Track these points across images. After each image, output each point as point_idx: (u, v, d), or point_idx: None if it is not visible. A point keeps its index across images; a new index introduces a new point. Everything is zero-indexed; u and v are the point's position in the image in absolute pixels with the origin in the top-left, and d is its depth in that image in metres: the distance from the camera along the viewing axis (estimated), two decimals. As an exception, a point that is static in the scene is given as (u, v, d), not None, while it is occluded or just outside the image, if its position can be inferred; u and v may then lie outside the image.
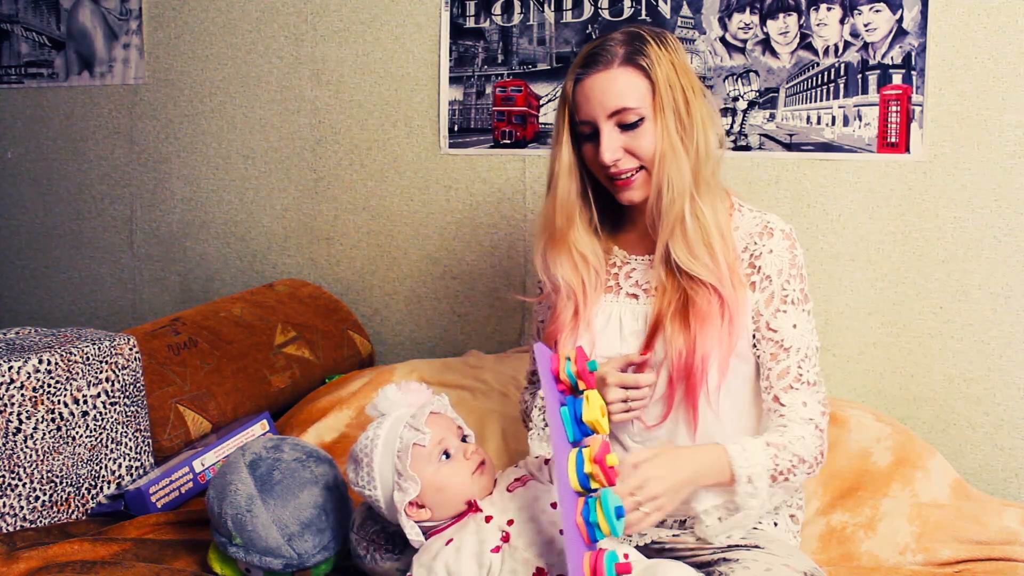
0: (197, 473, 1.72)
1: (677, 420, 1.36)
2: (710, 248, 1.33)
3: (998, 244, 1.88)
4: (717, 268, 1.33)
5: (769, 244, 1.37)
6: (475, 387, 2.00)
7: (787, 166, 2.02)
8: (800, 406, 1.33)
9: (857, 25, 1.94)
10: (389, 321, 2.44)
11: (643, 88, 1.32)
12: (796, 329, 1.35)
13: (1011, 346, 1.88)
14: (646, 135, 1.32)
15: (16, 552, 1.40)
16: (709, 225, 1.33)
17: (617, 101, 1.31)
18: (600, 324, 1.41)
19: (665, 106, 1.31)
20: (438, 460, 1.24)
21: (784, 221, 1.40)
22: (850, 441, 1.73)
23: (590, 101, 1.32)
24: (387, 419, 1.27)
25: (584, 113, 1.33)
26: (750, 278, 1.36)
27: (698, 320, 1.32)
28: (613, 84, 1.31)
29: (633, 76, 1.32)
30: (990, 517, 1.58)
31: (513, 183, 2.26)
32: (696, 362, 1.32)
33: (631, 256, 1.44)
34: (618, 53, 1.32)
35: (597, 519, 1.08)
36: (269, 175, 2.54)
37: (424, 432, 1.22)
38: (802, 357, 1.35)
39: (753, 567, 1.20)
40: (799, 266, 1.38)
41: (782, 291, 1.36)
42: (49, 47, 2.76)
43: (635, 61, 1.32)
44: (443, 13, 2.29)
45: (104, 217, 2.75)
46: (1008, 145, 1.85)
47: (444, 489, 1.23)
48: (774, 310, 1.36)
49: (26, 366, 1.57)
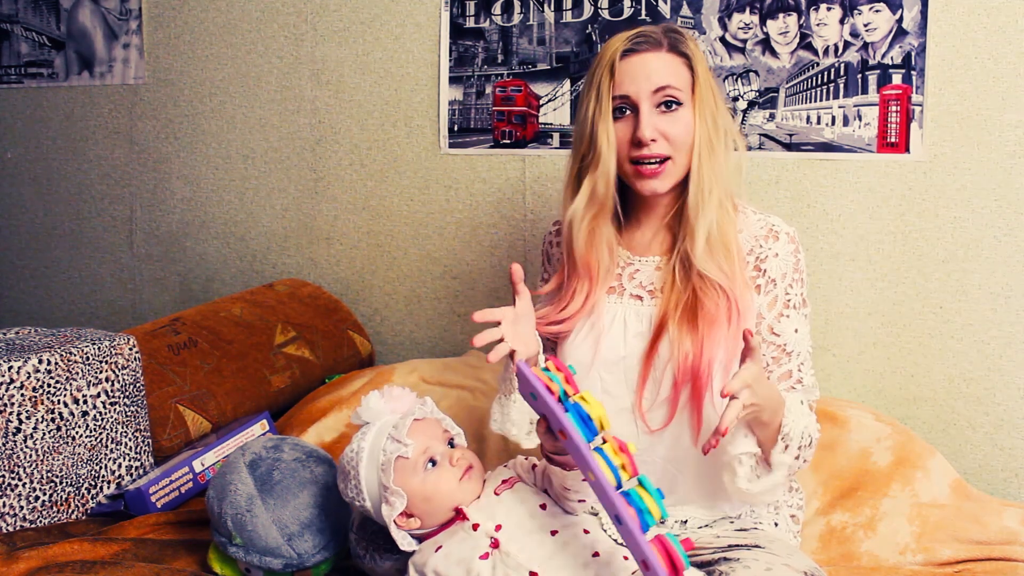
0: (197, 473, 1.72)
1: (682, 423, 1.35)
2: (727, 250, 1.34)
3: (998, 244, 1.88)
4: (732, 270, 1.33)
5: (775, 247, 1.38)
6: (475, 387, 2.00)
7: (787, 166, 2.02)
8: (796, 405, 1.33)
9: (857, 25, 1.94)
10: (389, 321, 2.44)
11: (686, 76, 1.35)
12: (797, 334, 1.37)
13: (1011, 346, 1.88)
14: (683, 121, 1.34)
15: (16, 552, 1.40)
16: (729, 227, 1.34)
17: (664, 78, 1.33)
18: (604, 325, 1.40)
19: (704, 100, 1.34)
20: (424, 469, 1.23)
21: (787, 224, 1.41)
22: (850, 441, 1.73)
23: (635, 76, 1.33)
24: (371, 429, 1.26)
25: (625, 87, 1.34)
26: (755, 281, 1.37)
27: (706, 322, 1.32)
28: (662, 63, 1.34)
29: (678, 62, 1.35)
30: (990, 517, 1.58)
31: (513, 183, 2.26)
32: (703, 365, 1.31)
33: (635, 257, 1.44)
34: (664, 41, 1.36)
35: (647, 504, 1.09)
36: (269, 175, 2.54)
37: (407, 444, 1.21)
38: (801, 361, 1.37)
39: (754, 567, 1.20)
40: (801, 270, 1.39)
41: (785, 295, 1.37)
42: (49, 47, 2.76)
43: (680, 50, 1.35)
44: (443, 13, 2.29)
45: (104, 217, 2.75)
46: (1008, 145, 1.85)
47: (431, 498, 1.22)
48: (777, 314, 1.36)
49: (26, 366, 1.57)
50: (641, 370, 1.36)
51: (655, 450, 1.38)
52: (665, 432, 1.36)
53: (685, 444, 1.36)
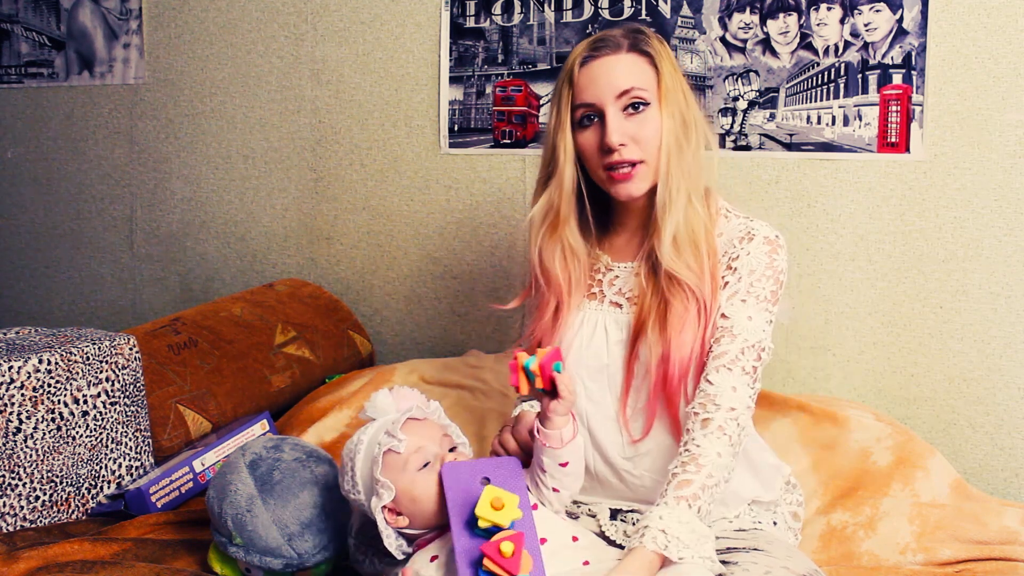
0: (197, 473, 1.71)
1: (662, 430, 1.34)
2: (696, 248, 1.31)
3: (998, 244, 1.88)
4: (700, 269, 1.31)
5: (748, 248, 1.34)
6: (475, 387, 2.00)
7: (787, 166, 2.02)
8: (729, 390, 1.26)
9: (857, 25, 1.94)
10: (389, 321, 2.44)
11: (650, 75, 1.32)
12: (750, 321, 1.30)
13: (1011, 346, 1.88)
14: (651, 122, 1.31)
15: (16, 552, 1.40)
16: (699, 226, 1.32)
17: (627, 81, 1.31)
18: (587, 333, 1.39)
19: (670, 98, 1.32)
20: (416, 469, 1.21)
21: (772, 229, 1.36)
22: (850, 441, 1.73)
23: (597, 82, 1.32)
24: (374, 424, 1.26)
25: (589, 95, 1.32)
26: (724, 279, 1.34)
27: (675, 324, 1.30)
28: (623, 65, 1.32)
29: (641, 62, 1.33)
30: (990, 517, 1.58)
31: (513, 183, 2.26)
32: (671, 370, 1.29)
33: (615, 263, 1.42)
34: (623, 43, 1.33)
35: None
36: (269, 175, 2.54)
37: (399, 439, 1.20)
38: (747, 346, 1.29)
39: (752, 570, 1.19)
40: (777, 271, 1.34)
41: (749, 286, 1.32)
42: (49, 47, 2.76)
43: (642, 49, 1.33)
44: (443, 13, 2.29)
45: (104, 217, 2.75)
46: (1008, 145, 1.85)
47: (417, 500, 1.20)
48: (734, 299, 1.32)
49: (26, 366, 1.57)
50: (623, 378, 1.35)
51: (641, 461, 1.36)
52: (649, 440, 1.34)
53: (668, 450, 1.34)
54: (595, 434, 1.38)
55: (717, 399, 1.26)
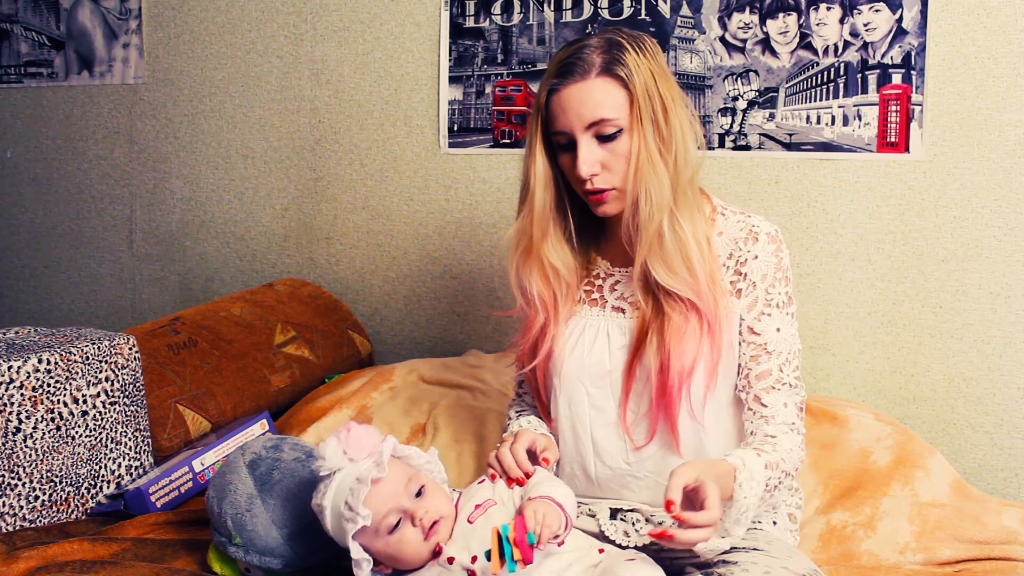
0: (197, 473, 1.71)
1: (665, 437, 1.34)
2: (688, 262, 1.30)
3: (998, 244, 1.88)
4: (696, 283, 1.30)
5: (755, 249, 1.34)
6: (475, 387, 2.00)
7: (787, 166, 2.02)
8: (781, 407, 1.31)
9: (857, 25, 1.94)
10: (389, 321, 2.44)
11: (621, 99, 1.27)
12: (779, 333, 1.33)
13: (1011, 346, 1.88)
14: (622, 148, 1.28)
15: (16, 552, 1.40)
16: (688, 239, 1.30)
17: (595, 112, 1.27)
18: (588, 340, 1.39)
19: (644, 117, 1.27)
20: (387, 533, 1.20)
21: (769, 223, 1.37)
22: (850, 441, 1.73)
23: (566, 112, 1.28)
24: (331, 484, 1.21)
25: (560, 124, 1.30)
26: (736, 285, 1.34)
27: (673, 337, 1.30)
28: (591, 95, 1.27)
29: (611, 86, 1.27)
30: (990, 517, 1.58)
31: (513, 183, 2.26)
32: (671, 381, 1.29)
33: (614, 268, 1.42)
34: (595, 63, 1.27)
35: None
36: (269, 175, 2.54)
37: (362, 515, 1.17)
38: (784, 360, 1.33)
39: (752, 570, 1.19)
40: (784, 268, 1.35)
41: (766, 295, 1.33)
42: (49, 47, 2.76)
43: (613, 71, 1.27)
44: (443, 13, 2.29)
45: (104, 217, 2.75)
46: (1008, 145, 1.85)
47: (398, 557, 1.21)
48: (758, 314, 1.33)
49: (26, 366, 1.57)
50: (623, 384, 1.35)
51: (644, 464, 1.36)
52: (651, 447, 1.35)
53: (671, 458, 1.34)
54: (597, 440, 1.38)
55: (774, 419, 1.31)
